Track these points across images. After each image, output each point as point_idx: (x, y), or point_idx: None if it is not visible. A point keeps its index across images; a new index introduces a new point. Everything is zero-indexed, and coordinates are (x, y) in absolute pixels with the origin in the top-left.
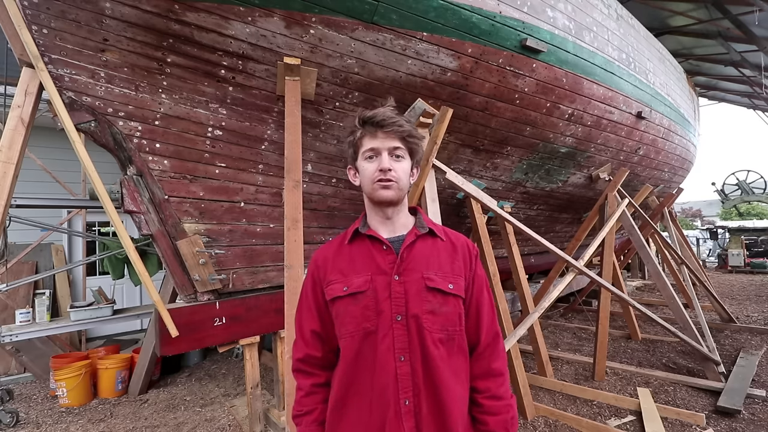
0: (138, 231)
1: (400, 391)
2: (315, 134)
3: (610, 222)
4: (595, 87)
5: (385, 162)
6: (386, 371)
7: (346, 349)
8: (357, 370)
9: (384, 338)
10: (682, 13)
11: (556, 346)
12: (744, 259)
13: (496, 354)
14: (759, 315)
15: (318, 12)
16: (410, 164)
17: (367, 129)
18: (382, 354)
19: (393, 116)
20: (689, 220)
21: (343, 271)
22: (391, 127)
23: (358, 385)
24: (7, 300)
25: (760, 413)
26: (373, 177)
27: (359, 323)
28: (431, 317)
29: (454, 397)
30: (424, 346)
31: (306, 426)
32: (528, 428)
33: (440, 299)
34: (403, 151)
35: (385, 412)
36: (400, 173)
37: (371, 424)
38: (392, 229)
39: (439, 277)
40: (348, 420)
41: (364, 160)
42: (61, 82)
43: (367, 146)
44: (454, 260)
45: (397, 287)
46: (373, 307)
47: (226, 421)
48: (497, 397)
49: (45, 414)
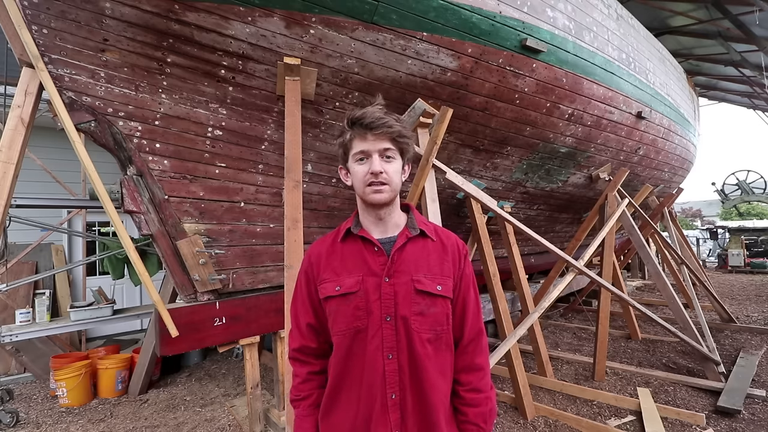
0: (138, 231)
1: (387, 386)
2: (315, 134)
3: (610, 222)
4: (595, 87)
5: (376, 165)
6: (375, 368)
7: (338, 345)
8: (348, 365)
9: (373, 337)
10: (682, 13)
11: (556, 346)
12: (744, 259)
13: (479, 350)
14: (759, 315)
15: (318, 12)
16: (401, 163)
17: (356, 131)
18: (371, 352)
19: (382, 117)
20: (689, 220)
21: (336, 270)
22: (380, 129)
23: (349, 379)
24: (7, 300)
25: (760, 413)
26: (365, 180)
27: (350, 322)
28: (420, 318)
29: (438, 392)
30: (412, 345)
31: (303, 409)
32: (528, 428)
33: (429, 301)
34: (393, 152)
35: (373, 405)
36: (392, 174)
37: (359, 416)
38: (384, 230)
39: (428, 279)
40: (339, 409)
41: (355, 162)
42: (61, 82)
43: (358, 148)
44: (443, 261)
45: (387, 289)
46: (364, 308)
47: (226, 421)
48: (478, 390)
49: (45, 414)
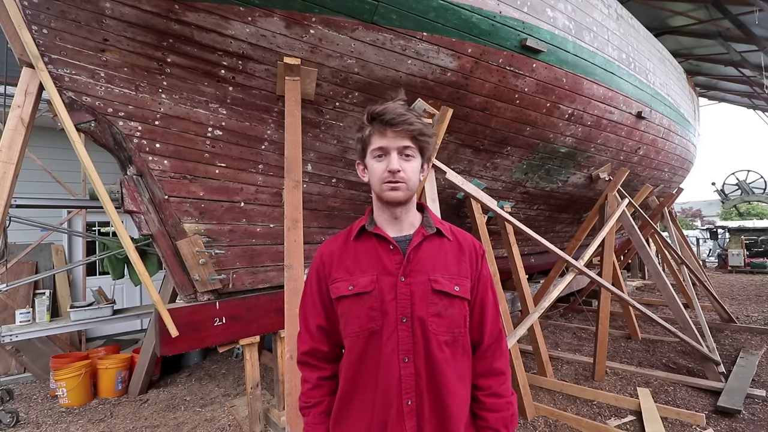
0: (138, 231)
1: (403, 391)
2: (315, 134)
3: (610, 222)
4: (595, 87)
5: (395, 163)
6: (390, 372)
7: (350, 348)
8: (361, 368)
9: (389, 339)
10: (682, 13)
11: (556, 346)
12: (744, 259)
13: (499, 353)
14: (759, 315)
15: (318, 12)
16: (420, 162)
17: (376, 126)
18: (386, 355)
19: (403, 113)
20: (689, 220)
21: (349, 270)
22: (401, 126)
23: (362, 384)
24: (7, 300)
25: (760, 413)
26: (382, 177)
27: (364, 324)
28: (437, 320)
29: (456, 398)
30: (429, 348)
31: (314, 417)
32: (528, 428)
33: (446, 302)
34: (413, 150)
35: (388, 411)
36: (410, 173)
37: (373, 423)
38: (399, 228)
39: (445, 279)
40: (352, 416)
41: (373, 159)
42: (61, 82)
43: (376, 144)
44: (460, 261)
45: (402, 289)
46: (379, 308)
47: (226, 421)
48: (498, 395)
49: (45, 414)
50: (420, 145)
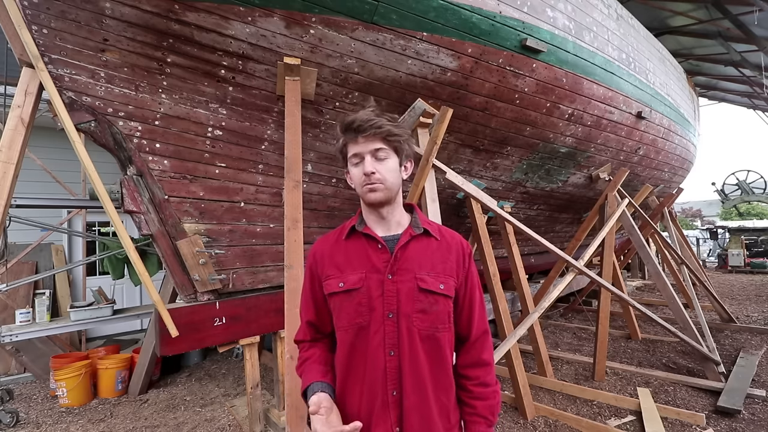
0: (138, 231)
1: (388, 382)
2: (315, 134)
3: (610, 222)
4: (595, 87)
5: (368, 166)
6: (376, 364)
7: (342, 340)
8: (351, 361)
9: (376, 334)
10: (682, 13)
11: (556, 346)
12: (744, 259)
13: (485, 346)
14: (759, 315)
15: (318, 12)
16: (398, 161)
17: (348, 136)
18: (373, 348)
19: (371, 118)
20: (689, 220)
21: (340, 267)
22: (369, 131)
23: (353, 375)
24: (7, 300)
25: (760, 413)
26: (362, 181)
27: (353, 318)
28: (422, 316)
29: (438, 389)
30: (413, 342)
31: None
32: (528, 428)
33: (431, 299)
34: (386, 151)
35: (374, 401)
36: (385, 173)
37: (362, 411)
38: (387, 228)
39: (431, 278)
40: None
41: (352, 166)
42: (61, 82)
43: (352, 152)
44: (446, 260)
45: (389, 286)
46: (367, 304)
47: (226, 421)
48: (485, 384)
49: (45, 414)
50: (393, 146)
